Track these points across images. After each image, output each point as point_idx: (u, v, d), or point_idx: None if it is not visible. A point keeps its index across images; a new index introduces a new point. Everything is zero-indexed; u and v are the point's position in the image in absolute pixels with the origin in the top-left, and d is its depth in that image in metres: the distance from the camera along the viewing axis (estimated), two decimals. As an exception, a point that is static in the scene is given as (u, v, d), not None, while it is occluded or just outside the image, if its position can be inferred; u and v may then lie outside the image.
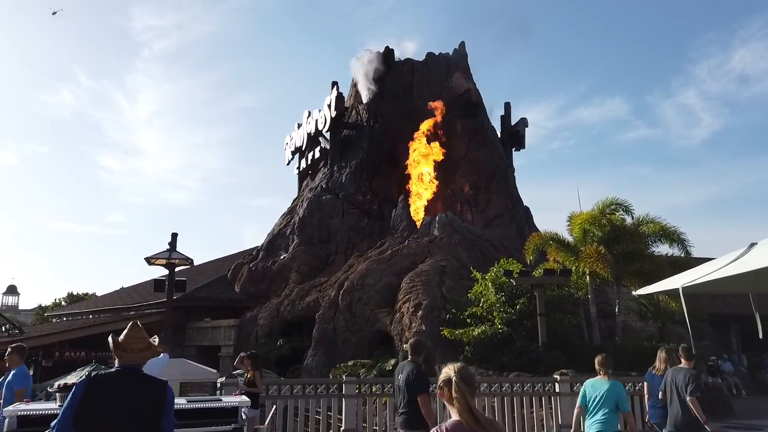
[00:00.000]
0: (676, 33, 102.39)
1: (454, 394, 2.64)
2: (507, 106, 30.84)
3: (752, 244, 5.45)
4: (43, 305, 60.86)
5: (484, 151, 26.86)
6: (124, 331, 3.64)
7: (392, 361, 17.06)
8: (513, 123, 30.21)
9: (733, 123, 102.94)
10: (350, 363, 17.04)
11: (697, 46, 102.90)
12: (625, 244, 15.42)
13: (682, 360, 7.03)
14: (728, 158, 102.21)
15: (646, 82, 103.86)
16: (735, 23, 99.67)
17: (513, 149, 30.03)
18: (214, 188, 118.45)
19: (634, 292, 8.37)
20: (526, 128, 30.31)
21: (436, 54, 30.05)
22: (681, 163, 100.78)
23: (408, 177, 26.05)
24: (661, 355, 7.67)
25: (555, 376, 11.29)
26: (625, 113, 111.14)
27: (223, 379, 12.46)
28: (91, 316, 29.04)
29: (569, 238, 16.36)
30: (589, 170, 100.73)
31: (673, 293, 7.00)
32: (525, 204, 27.65)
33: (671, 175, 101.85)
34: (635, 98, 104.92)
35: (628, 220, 16.32)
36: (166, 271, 13.40)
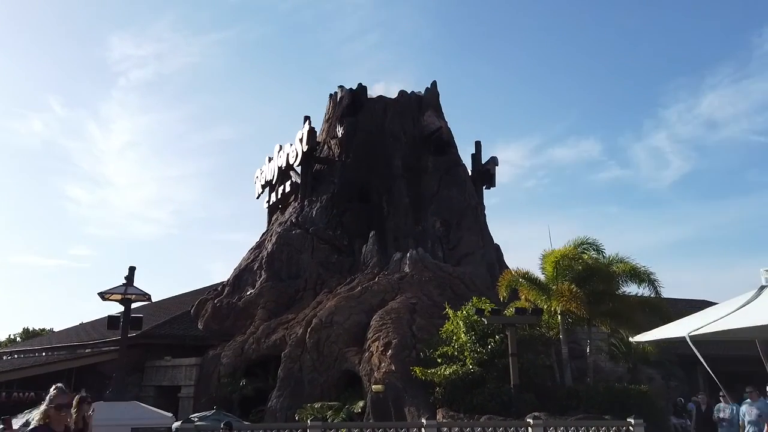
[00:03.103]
0: (648, 77, 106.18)
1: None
2: (477, 144, 31.12)
3: (762, 287, 5.08)
4: (-4, 341, 58.02)
5: (455, 189, 26.87)
6: None
7: (360, 403, 16.47)
8: (484, 161, 30.44)
9: (701, 166, 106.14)
10: (317, 405, 16.38)
11: (667, 91, 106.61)
12: (596, 283, 15.33)
13: None
14: (696, 200, 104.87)
15: (619, 124, 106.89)
16: (704, 69, 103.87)
17: (483, 187, 30.17)
18: (185, 222, 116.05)
19: (632, 339, 8.03)
20: (497, 167, 30.56)
21: (408, 92, 30.33)
22: (650, 204, 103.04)
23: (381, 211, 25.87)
24: None
25: (528, 420, 10.95)
26: (599, 154, 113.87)
27: (179, 423, 11.75)
28: (44, 354, 27.58)
29: (541, 277, 16.21)
30: (561, 209, 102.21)
31: (677, 341, 6.59)
32: (496, 242, 27.62)
33: (640, 216, 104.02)
34: (609, 139, 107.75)
35: (599, 259, 16.28)
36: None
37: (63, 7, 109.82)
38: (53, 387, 4.71)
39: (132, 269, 11.54)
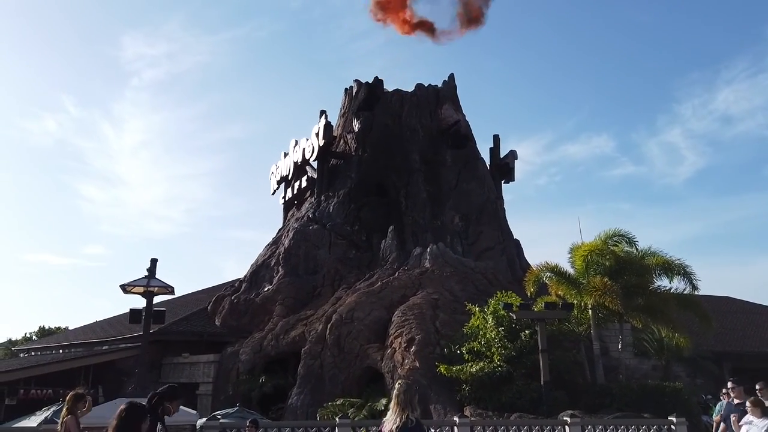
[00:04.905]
0: (662, 73, 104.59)
1: None
2: (496, 138, 30.59)
3: None
4: (13, 339, 58.35)
5: (473, 183, 26.38)
6: None
7: (383, 401, 16.04)
8: (502, 155, 29.89)
9: (715, 162, 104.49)
10: (338, 402, 16.00)
11: (681, 86, 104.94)
12: (629, 277, 14.77)
13: None
14: (710, 196, 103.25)
15: (633, 120, 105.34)
16: (719, 64, 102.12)
17: (502, 181, 29.62)
18: (198, 220, 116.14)
19: None
20: (516, 161, 29.99)
21: (425, 85, 29.83)
22: (664, 201, 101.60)
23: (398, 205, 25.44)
24: None
25: (565, 419, 10.48)
26: (612, 150, 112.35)
27: (203, 420, 11.42)
28: (61, 351, 27.46)
29: (570, 271, 15.67)
30: (573, 206, 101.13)
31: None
32: (516, 237, 27.08)
33: (653, 212, 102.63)
34: (622, 136, 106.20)
35: (631, 253, 15.70)
36: (144, 302, 12.39)
37: (75, 7, 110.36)
38: (400, 383, 4.91)
39: (154, 261, 11.20)
